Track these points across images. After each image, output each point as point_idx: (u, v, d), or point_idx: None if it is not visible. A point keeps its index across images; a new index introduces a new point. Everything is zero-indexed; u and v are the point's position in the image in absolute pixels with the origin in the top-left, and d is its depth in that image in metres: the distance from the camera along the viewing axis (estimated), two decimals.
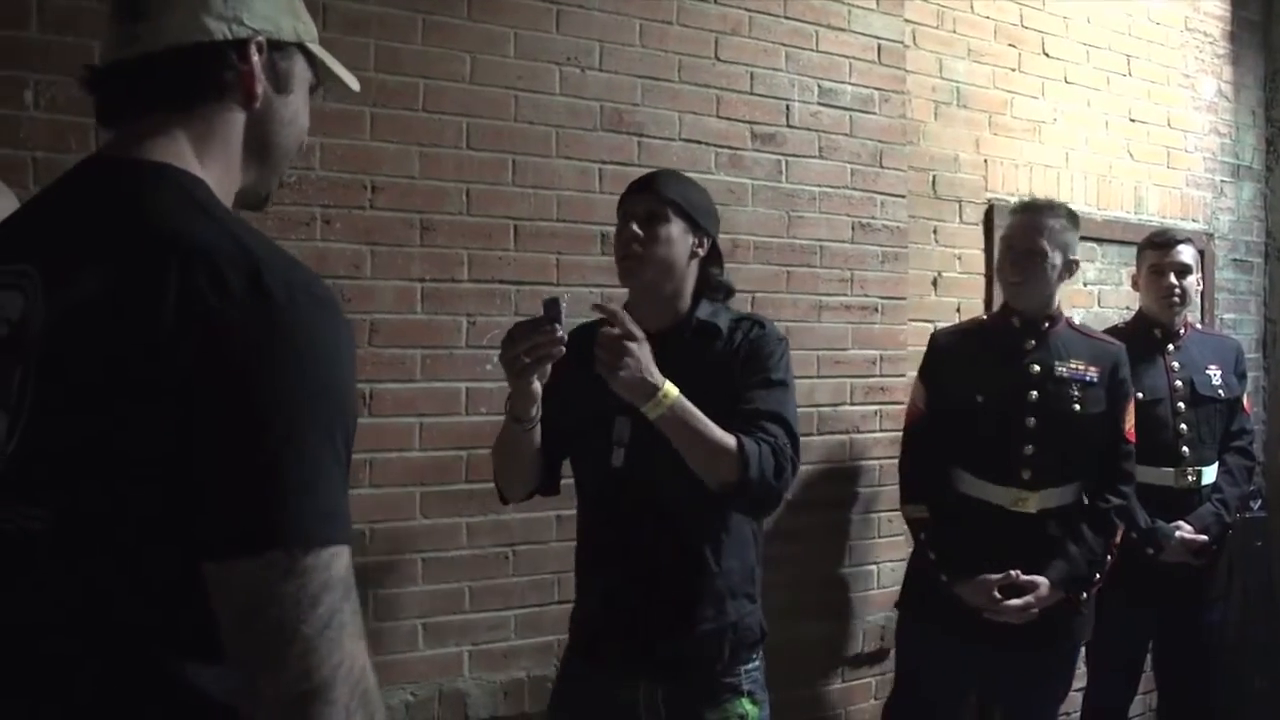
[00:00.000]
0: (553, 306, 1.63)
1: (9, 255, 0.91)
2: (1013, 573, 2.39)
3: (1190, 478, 2.77)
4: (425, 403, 2.28)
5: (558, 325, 1.62)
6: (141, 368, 0.80)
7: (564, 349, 1.63)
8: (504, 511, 2.02)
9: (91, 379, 0.82)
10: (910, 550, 2.68)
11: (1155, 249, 2.83)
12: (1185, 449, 2.77)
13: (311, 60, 1.06)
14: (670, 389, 1.68)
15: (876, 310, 2.89)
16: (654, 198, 1.82)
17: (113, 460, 0.81)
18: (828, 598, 2.88)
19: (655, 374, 1.67)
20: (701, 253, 1.87)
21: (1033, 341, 2.51)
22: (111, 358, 0.81)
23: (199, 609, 0.79)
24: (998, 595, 2.38)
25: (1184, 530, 2.71)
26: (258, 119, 0.99)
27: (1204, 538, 2.71)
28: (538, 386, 1.71)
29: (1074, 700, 3.34)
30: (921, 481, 2.57)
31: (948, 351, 2.60)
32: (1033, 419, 2.45)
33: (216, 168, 0.97)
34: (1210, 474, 2.81)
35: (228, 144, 0.98)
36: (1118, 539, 2.52)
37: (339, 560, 0.81)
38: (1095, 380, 2.50)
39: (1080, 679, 3.22)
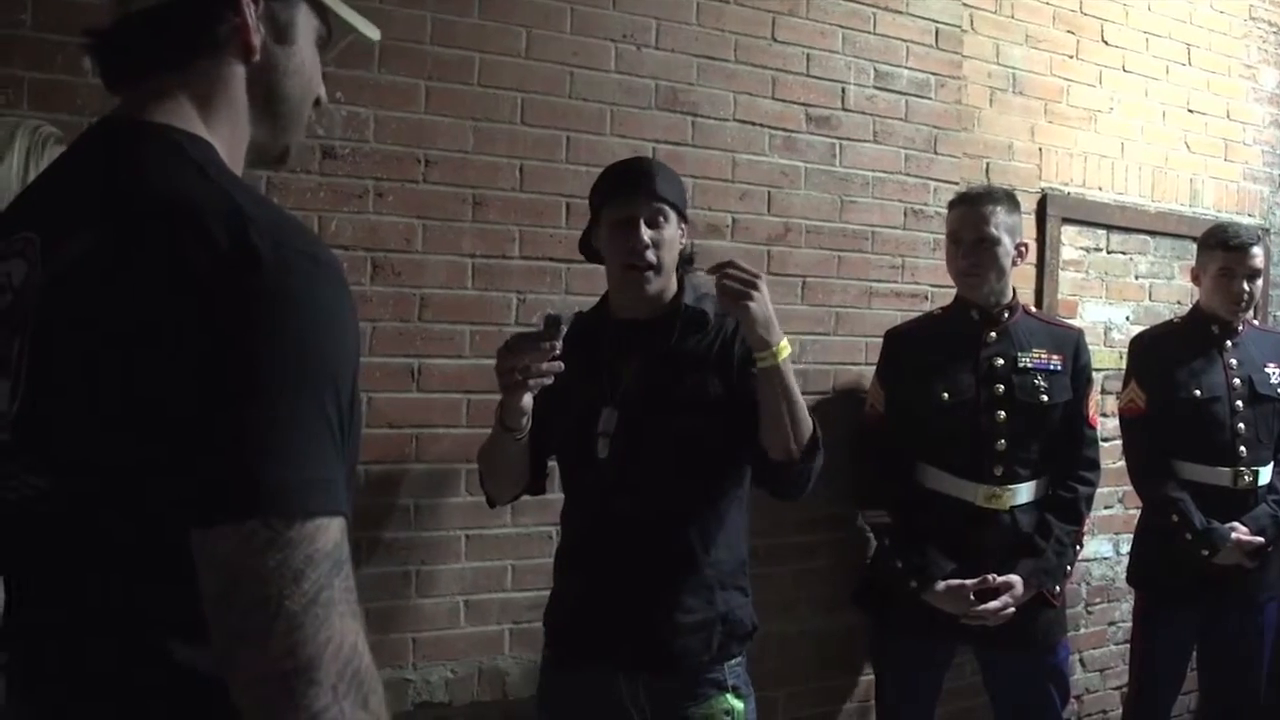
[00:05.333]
0: (554, 326, 1.59)
1: (18, 223, 0.91)
2: (989, 577, 2.35)
3: (1247, 478, 2.71)
4: (474, 379, 2.27)
5: (556, 345, 1.59)
6: (126, 330, 0.78)
7: (560, 368, 1.62)
8: (549, 490, 2.02)
9: (79, 343, 0.81)
10: (871, 553, 2.64)
11: (1228, 251, 2.74)
12: (1243, 448, 2.71)
13: (320, 10, 1.02)
14: (786, 344, 1.69)
15: (927, 298, 2.85)
16: (655, 199, 1.78)
17: (101, 426, 0.79)
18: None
19: (776, 325, 1.68)
20: (685, 241, 1.86)
21: (993, 333, 2.47)
22: (97, 320, 0.80)
23: (191, 583, 0.76)
24: (972, 599, 2.35)
25: (1240, 531, 2.66)
26: (259, 72, 0.96)
27: (1260, 539, 2.66)
28: (529, 400, 1.68)
29: (1112, 699, 3.32)
30: (884, 485, 2.52)
31: (907, 350, 2.54)
32: (1002, 412, 2.42)
33: (223, 127, 0.94)
34: (1266, 474, 2.75)
35: (231, 101, 0.95)
36: (1085, 528, 2.50)
37: (325, 533, 0.76)
38: (1060, 368, 2.47)
39: (1121, 677, 3.20)
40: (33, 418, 0.83)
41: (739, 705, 1.82)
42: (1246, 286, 2.74)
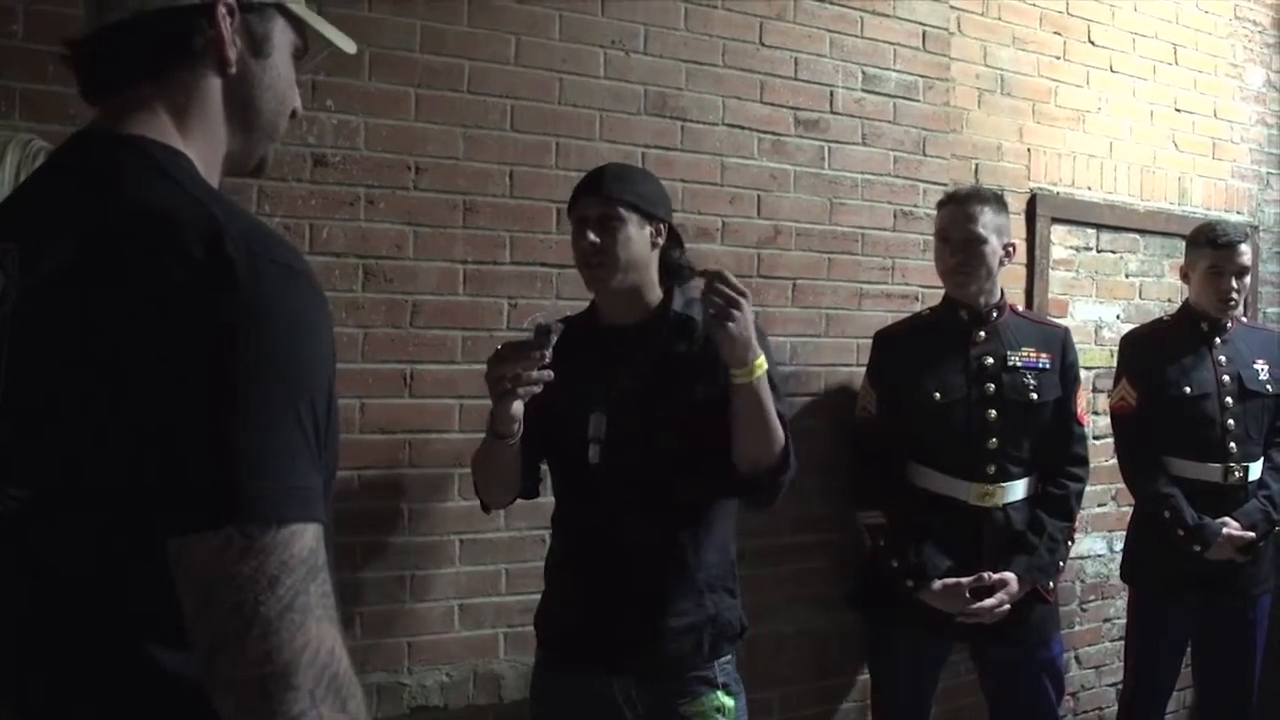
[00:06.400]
0: (543, 336, 1.61)
1: None
2: (985, 575, 2.37)
3: (1237, 474, 2.72)
4: (466, 384, 2.27)
5: (546, 355, 1.61)
6: (103, 342, 0.79)
7: (550, 377, 1.64)
8: (542, 494, 2.03)
9: (56, 353, 0.81)
10: (866, 553, 2.64)
11: (1217, 249, 2.75)
12: (1232, 445, 2.73)
13: (296, 23, 1.03)
14: (763, 361, 1.69)
15: (917, 299, 2.87)
16: (603, 200, 1.80)
17: (80, 436, 0.80)
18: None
19: (755, 344, 1.68)
20: (660, 241, 1.87)
21: (982, 333, 2.49)
22: (75, 332, 0.80)
23: (173, 590, 0.77)
24: (968, 596, 2.37)
25: (1231, 527, 2.67)
26: (235, 85, 0.96)
27: (1251, 534, 2.67)
28: (519, 407, 1.71)
29: (1107, 695, 3.33)
30: (877, 485, 2.53)
31: (897, 351, 2.56)
32: (993, 411, 2.44)
33: (199, 139, 0.95)
34: (1256, 470, 2.77)
35: (207, 113, 0.96)
36: (1076, 524, 2.53)
37: (299, 539, 0.77)
38: (1049, 366, 2.49)
39: (1116, 673, 3.21)
40: (12, 429, 0.84)
41: (729, 702, 1.83)
42: (1235, 284, 2.76)
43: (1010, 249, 2.51)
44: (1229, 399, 2.75)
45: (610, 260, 1.80)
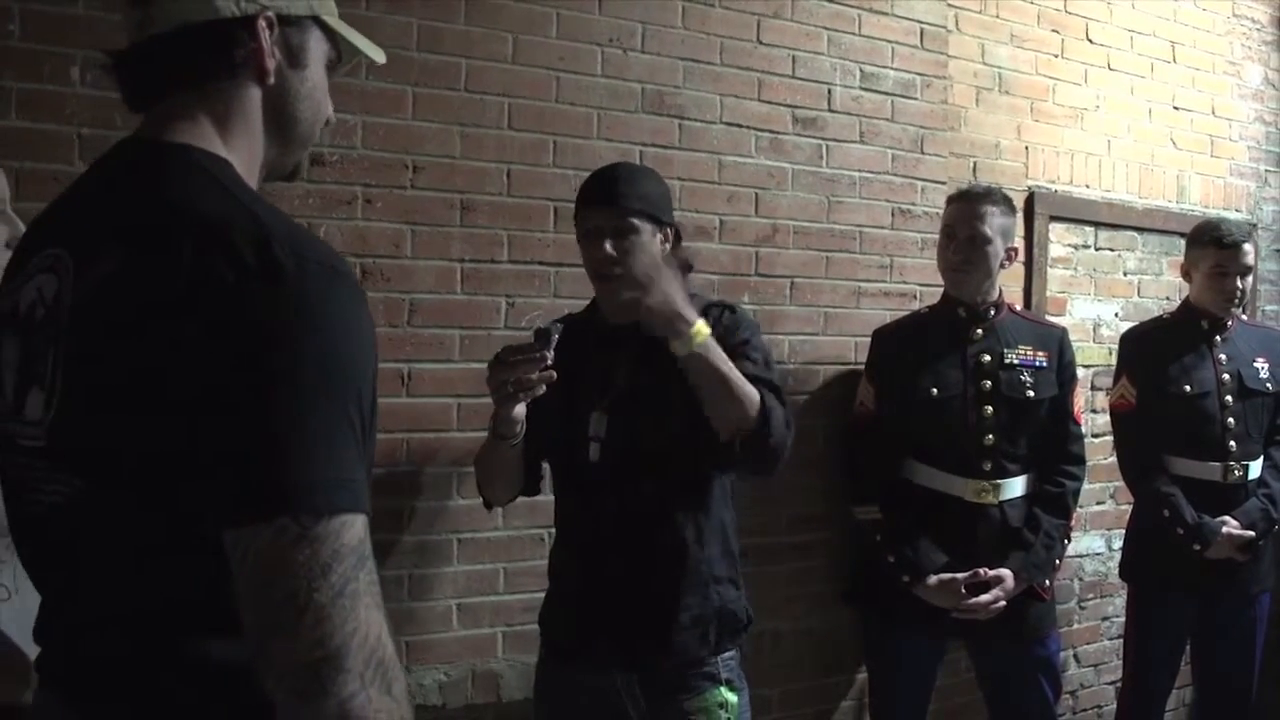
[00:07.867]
0: (544, 338, 1.63)
1: (47, 240, 0.94)
2: (981, 571, 2.38)
3: (1237, 472, 2.72)
4: (463, 383, 2.27)
5: (547, 357, 1.62)
6: (155, 340, 0.81)
7: (552, 378, 1.65)
8: (540, 492, 2.03)
9: (109, 353, 0.84)
10: (862, 548, 2.64)
11: (1222, 249, 2.74)
12: (1232, 443, 2.73)
13: (330, 34, 1.06)
14: (703, 328, 1.67)
15: (915, 298, 2.87)
16: (618, 212, 1.79)
17: (134, 433, 0.83)
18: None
19: (689, 310, 1.66)
20: (668, 246, 1.86)
21: (980, 330, 2.50)
22: (129, 333, 0.83)
23: (217, 580, 0.80)
24: (964, 592, 2.37)
25: (1230, 525, 2.67)
26: (274, 95, 1.00)
27: (1250, 533, 2.67)
28: (520, 409, 1.72)
29: (1106, 693, 3.33)
30: (874, 481, 2.53)
31: (895, 347, 2.57)
32: (989, 408, 2.45)
33: (241, 146, 0.99)
34: (1256, 468, 2.77)
35: (248, 122, 0.99)
36: (1073, 522, 2.54)
37: (350, 529, 0.81)
38: (1045, 364, 2.51)
39: (1115, 671, 3.21)
40: (67, 424, 0.86)
41: (733, 698, 1.83)
42: (1239, 284, 2.75)
43: (1013, 253, 2.51)
44: (1229, 397, 2.75)
45: (627, 274, 1.78)
